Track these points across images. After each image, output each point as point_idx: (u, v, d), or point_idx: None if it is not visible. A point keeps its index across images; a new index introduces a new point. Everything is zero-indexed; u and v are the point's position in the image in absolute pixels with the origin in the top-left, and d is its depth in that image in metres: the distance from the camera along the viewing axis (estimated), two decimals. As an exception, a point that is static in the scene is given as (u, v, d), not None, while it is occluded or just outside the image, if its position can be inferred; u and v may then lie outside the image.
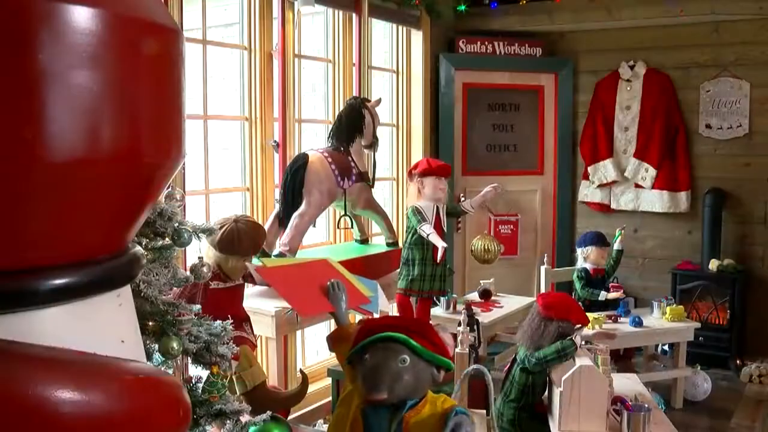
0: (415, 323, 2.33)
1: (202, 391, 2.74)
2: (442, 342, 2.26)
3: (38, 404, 1.11)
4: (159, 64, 1.25)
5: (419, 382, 2.19)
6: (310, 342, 5.23)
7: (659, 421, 3.37)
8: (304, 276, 3.01)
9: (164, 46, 1.27)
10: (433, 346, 2.22)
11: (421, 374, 2.18)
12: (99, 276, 1.24)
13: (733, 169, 6.01)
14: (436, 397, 2.26)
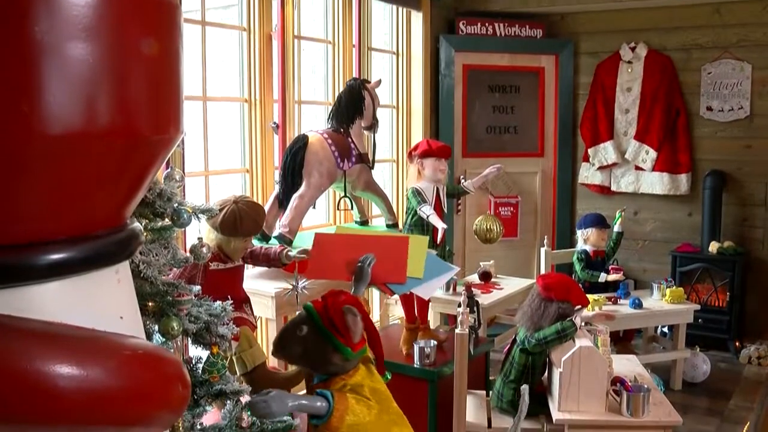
0: (337, 302, 2.32)
1: (202, 372, 2.74)
2: (344, 327, 2.25)
3: (36, 379, 1.11)
4: (157, 38, 1.24)
5: (310, 355, 2.27)
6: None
7: (658, 402, 3.38)
8: (353, 246, 3.01)
9: (162, 20, 1.26)
10: (331, 327, 2.25)
11: (313, 348, 2.26)
12: (97, 251, 1.24)
13: (734, 152, 6.00)
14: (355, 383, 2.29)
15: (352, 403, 2.23)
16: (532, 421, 3.47)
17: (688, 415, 4.32)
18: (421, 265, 2.91)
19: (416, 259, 2.95)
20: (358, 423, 2.23)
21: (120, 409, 1.21)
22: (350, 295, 2.45)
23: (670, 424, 3.24)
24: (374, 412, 2.28)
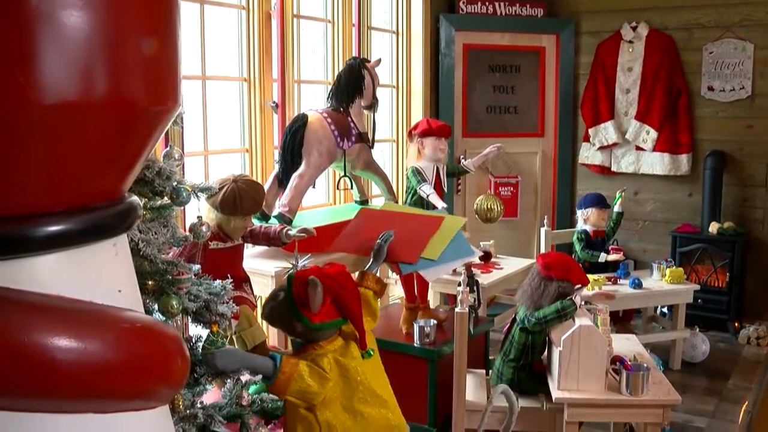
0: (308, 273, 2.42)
1: (202, 350, 2.75)
2: (304, 296, 2.35)
3: (34, 351, 1.10)
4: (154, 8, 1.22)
5: (280, 319, 2.46)
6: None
7: (658, 381, 3.38)
8: (385, 222, 3.02)
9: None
10: (297, 295, 2.37)
11: (280, 313, 2.44)
12: (94, 223, 1.23)
13: (735, 132, 5.98)
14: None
15: (302, 370, 2.29)
16: (532, 400, 3.47)
17: (687, 395, 4.33)
18: (441, 247, 2.89)
19: (440, 240, 2.92)
20: (305, 392, 2.29)
21: (118, 383, 1.21)
22: (339, 268, 2.48)
23: (669, 402, 3.24)
24: (328, 385, 2.32)
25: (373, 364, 2.52)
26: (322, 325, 2.39)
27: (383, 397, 2.45)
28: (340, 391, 2.38)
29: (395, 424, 2.45)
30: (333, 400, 2.36)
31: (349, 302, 2.39)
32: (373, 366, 2.52)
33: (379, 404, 2.42)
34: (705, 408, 4.57)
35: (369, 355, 2.45)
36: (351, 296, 2.42)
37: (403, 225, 2.98)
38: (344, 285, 2.43)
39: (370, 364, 2.50)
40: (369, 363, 2.49)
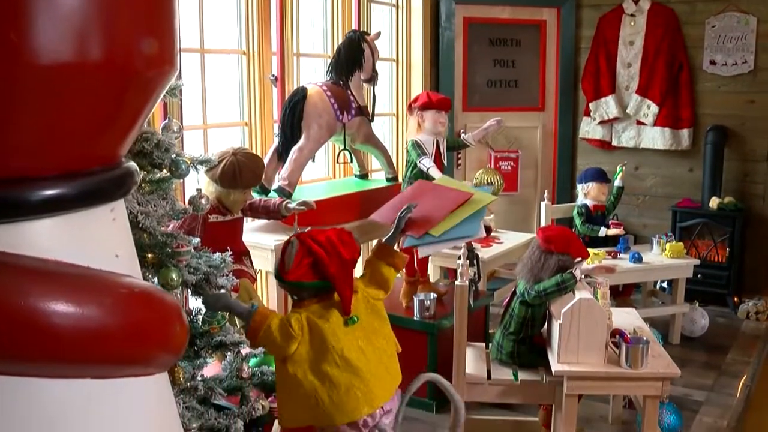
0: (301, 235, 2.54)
1: (202, 323, 2.75)
2: (284, 254, 2.51)
3: (31, 316, 1.10)
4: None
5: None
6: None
7: (657, 354, 3.38)
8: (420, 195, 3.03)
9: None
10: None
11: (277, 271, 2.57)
12: (91, 188, 1.21)
13: (737, 106, 5.94)
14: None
15: (272, 324, 2.41)
16: (532, 373, 3.48)
17: (686, 369, 4.34)
18: (451, 224, 2.87)
19: (454, 218, 2.90)
20: (272, 344, 2.42)
21: (116, 348, 1.20)
22: (337, 232, 2.52)
23: (669, 376, 3.25)
24: (293, 343, 2.40)
25: (359, 332, 2.51)
26: (297, 284, 2.49)
27: (357, 366, 2.43)
28: (310, 351, 2.42)
29: (361, 395, 2.42)
30: (302, 358, 2.42)
31: (329, 266, 2.42)
32: (359, 335, 2.51)
33: (350, 372, 2.42)
34: (704, 382, 4.59)
35: (353, 322, 2.47)
36: (336, 261, 2.43)
37: (434, 199, 2.96)
38: (332, 250, 2.44)
39: (354, 332, 2.49)
40: (353, 330, 2.49)
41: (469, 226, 2.89)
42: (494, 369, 3.54)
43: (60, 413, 1.18)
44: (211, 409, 2.77)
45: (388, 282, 2.66)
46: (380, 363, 2.53)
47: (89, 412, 1.22)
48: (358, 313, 2.51)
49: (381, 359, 2.54)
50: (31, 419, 1.16)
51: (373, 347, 2.53)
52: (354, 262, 2.57)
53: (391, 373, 2.58)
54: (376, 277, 2.65)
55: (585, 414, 3.96)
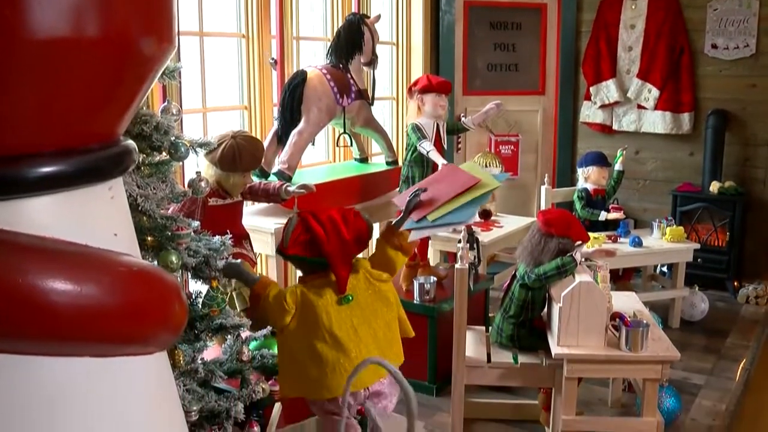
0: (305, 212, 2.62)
1: (202, 306, 2.75)
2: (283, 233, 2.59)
3: (29, 293, 1.09)
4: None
5: None
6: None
7: (657, 338, 3.39)
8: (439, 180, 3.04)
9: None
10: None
11: None
12: (89, 165, 1.21)
13: (738, 91, 5.92)
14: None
15: (270, 294, 2.54)
16: (531, 356, 3.48)
17: (685, 352, 4.35)
18: (448, 209, 2.85)
19: (455, 202, 2.88)
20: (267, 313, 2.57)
21: (115, 326, 1.20)
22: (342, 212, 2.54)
23: (668, 359, 3.25)
24: (286, 316, 2.51)
25: (356, 311, 2.51)
26: (296, 258, 2.59)
27: (345, 345, 2.45)
28: (303, 325, 2.49)
29: (345, 373, 2.43)
30: (295, 332, 2.51)
31: (325, 244, 2.47)
32: (356, 314, 2.51)
33: (337, 350, 2.45)
34: (703, 366, 4.60)
35: (347, 301, 2.49)
36: (334, 239, 2.45)
37: (447, 184, 2.95)
38: (332, 228, 2.45)
39: (349, 311, 2.50)
40: (348, 309, 2.49)
41: (465, 212, 2.87)
42: (494, 352, 3.55)
43: (59, 391, 1.18)
44: (211, 392, 2.77)
45: (391, 264, 2.65)
46: (374, 345, 2.53)
47: (89, 391, 1.21)
48: (356, 293, 2.51)
49: (376, 341, 2.54)
50: (31, 397, 1.15)
51: (369, 328, 2.53)
52: (359, 242, 2.56)
53: (387, 357, 2.57)
54: (380, 259, 2.65)
55: (584, 397, 3.97)
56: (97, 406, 1.22)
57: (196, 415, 2.59)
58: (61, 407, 1.18)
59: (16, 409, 1.14)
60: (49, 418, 1.17)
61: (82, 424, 1.21)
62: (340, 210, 2.55)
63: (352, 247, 2.54)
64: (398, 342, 2.65)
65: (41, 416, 1.16)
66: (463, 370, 3.43)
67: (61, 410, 1.18)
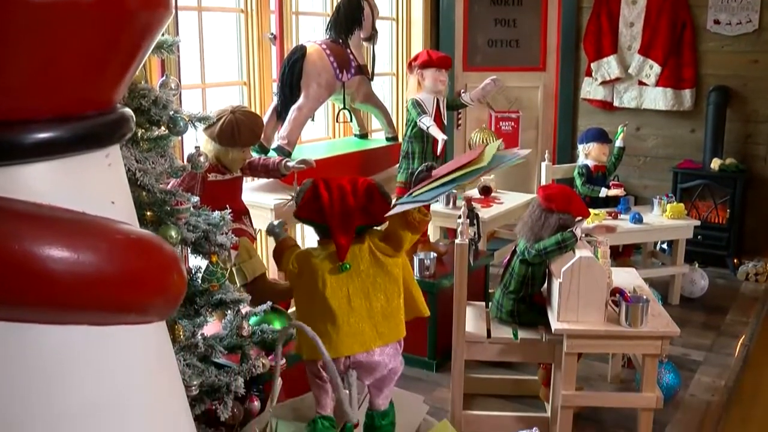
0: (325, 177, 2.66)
1: (201, 281, 2.74)
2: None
3: (25, 260, 1.08)
4: None
5: None
6: (310, 241, 5.23)
7: (657, 313, 3.38)
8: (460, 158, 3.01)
9: None
10: None
11: None
12: (85, 132, 1.19)
13: (740, 67, 5.88)
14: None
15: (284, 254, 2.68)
16: (531, 332, 3.48)
17: (685, 329, 4.35)
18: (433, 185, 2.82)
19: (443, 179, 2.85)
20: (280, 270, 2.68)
21: (112, 294, 1.19)
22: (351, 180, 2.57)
23: (668, 334, 3.25)
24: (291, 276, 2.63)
25: (355, 281, 2.51)
26: (307, 222, 2.68)
27: (334, 312, 2.46)
28: (303, 287, 2.57)
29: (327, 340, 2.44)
30: (299, 292, 2.62)
31: (327, 210, 2.50)
32: (353, 284, 2.51)
33: (325, 316, 2.48)
34: (702, 342, 4.61)
35: (344, 269, 2.50)
36: (337, 208, 2.47)
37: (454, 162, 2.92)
38: (338, 196, 2.45)
39: (347, 279, 2.50)
40: (346, 277, 2.49)
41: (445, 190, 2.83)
42: (494, 328, 3.55)
43: (56, 360, 1.17)
44: (211, 367, 2.77)
45: (397, 239, 2.60)
46: (367, 317, 2.52)
47: (86, 359, 1.21)
48: (357, 263, 2.50)
49: (371, 314, 2.53)
50: (27, 366, 1.15)
51: (364, 300, 2.52)
52: (367, 213, 2.54)
53: (379, 331, 2.55)
54: (387, 233, 2.63)
55: (584, 373, 3.99)
56: (94, 374, 1.22)
57: (196, 389, 2.59)
58: (58, 375, 1.17)
59: (13, 378, 1.13)
60: (46, 387, 1.17)
61: (79, 393, 1.20)
62: (354, 180, 2.53)
63: (357, 217, 2.52)
64: (397, 317, 2.63)
65: (38, 385, 1.16)
66: (463, 346, 3.44)
67: (59, 379, 1.17)
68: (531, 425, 3.20)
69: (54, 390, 1.17)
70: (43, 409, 1.16)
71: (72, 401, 1.19)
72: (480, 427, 3.48)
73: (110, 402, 1.24)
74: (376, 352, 2.55)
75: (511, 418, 3.55)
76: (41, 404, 1.16)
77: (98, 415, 1.22)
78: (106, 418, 1.23)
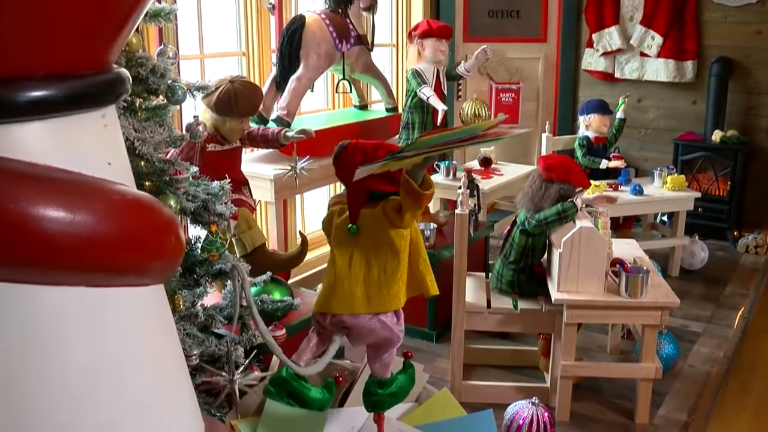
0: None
1: (201, 251, 2.74)
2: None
3: (20, 219, 1.07)
4: None
5: None
6: (310, 212, 5.23)
7: (657, 284, 3.38)
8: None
9: None
10: None
11: None
12: (80, 91, 1.18)
13: (743, 38, 5.83)
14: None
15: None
16: (531, 302, 3.49)
17: (684, 301, 4.35)
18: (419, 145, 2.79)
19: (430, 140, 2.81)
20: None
21: (109, 255, 1.18)
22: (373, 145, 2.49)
23: (668, 305, 3.25)
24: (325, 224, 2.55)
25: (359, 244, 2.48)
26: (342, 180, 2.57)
27: (336, 270, 2.45)
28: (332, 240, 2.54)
29: (324, 293, 2.45)
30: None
31: (343, 175, 2.44)
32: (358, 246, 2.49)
33: (330, 273, 2.46)
34: (702, 313, 4.61)
35: (351, 231, 2.48)
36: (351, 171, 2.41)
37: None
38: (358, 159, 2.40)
39: (354, 240, 2.48)
40: (353, 238, 2.47)
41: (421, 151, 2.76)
42: (494, 298, 3.55)
43: (51, 321, 1.17)
44: (211, 336, 2.78)
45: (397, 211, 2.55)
46: (362, 282, 2.49)
47: (82, 321, 1.20)
48: (365, 228, 2.47)
49: (367, 280, 2.50)
50: (21, 326, 1.14)
51: (365, 265, 2.50)
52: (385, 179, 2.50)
53: (370, 298, 2.50)
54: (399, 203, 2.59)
55: (583, 344, 4.00)
56: (90, 337, 1.21)
57: (196, 359, 2.60)
58: (52, 337, 1.17)
59: (6, 338, 1.13)
60: (41, 348, 1.16)
61: (74, 355, 1.20)
62: (379, 145, 2.48)
63: (371, 183, 2.47)
64: (392, 289, 2.54)
65: (32, 346, 1.15)
66: (463, 316, 3.44)
67: (53, 340, 1.17)
68: (530, 395, 3.22)
69: (48, 351, 1.16)
70: (37, 370, 1.16)
71: (66, 362, 1.19)
72: (479, 396, 3.49)
73: (106, 364, 1.23)
74: (364, 318, 2.51)
75: (510, 388, 3.57)
76: (35, 365, 1.15)
77: (94, 376, 1.21)
78: (102, 378, 1.23)
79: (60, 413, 1.18)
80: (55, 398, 1.18)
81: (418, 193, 2.40)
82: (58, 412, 1.18)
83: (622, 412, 3.48)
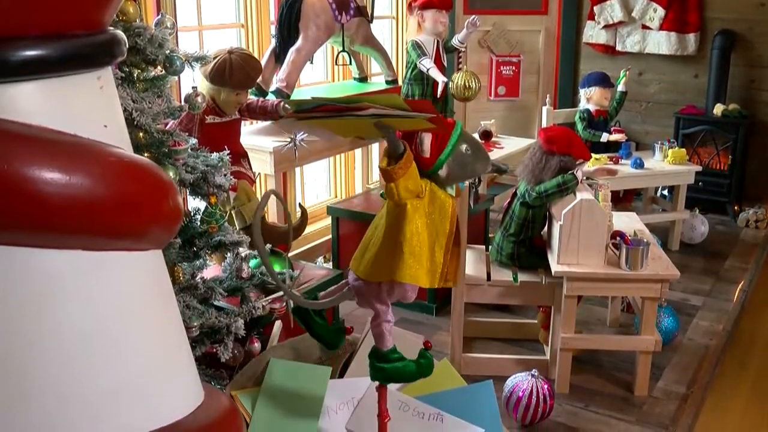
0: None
1: (200, 222, 2.73)
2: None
3: (15, 181, 1.06)
4: None
5: None
6: (309, 185, 5.21)
7: (657, 257, 3.38)
8: None
9: None
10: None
11: None
12: (75, 51, 1.16)
13: (746, 10, 5.79)
14: None
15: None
16: (531, 274, 3.49)
17: (684, 274, 4.35)
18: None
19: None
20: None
21: (105, 218, 1.17)
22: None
23: (668, 277, 3.25)
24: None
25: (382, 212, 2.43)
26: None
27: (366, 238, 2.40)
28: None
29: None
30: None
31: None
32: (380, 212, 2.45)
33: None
34: (701, 287, 4.62)
35: (381, 195, 2.46)
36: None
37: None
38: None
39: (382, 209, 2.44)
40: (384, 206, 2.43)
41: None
42: (494, 271, 3.55)
43: (46, 284, 1.16)
44: (211, 309, 2.77)
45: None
46: (364, 242, 2.45)
47: (78, 284, 1.19)
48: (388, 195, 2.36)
49: (368, 244, 2.46)
50: (16, 289, 1.14)
51: (374, 234, 2.48)
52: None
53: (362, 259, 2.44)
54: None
55: (583, 317, 4.00)
56: (86, 301, 1.20)
57: (196, 331, 2.60)
58: (49, 299, 1.16)
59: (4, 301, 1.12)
60: (36, 311, 1.15)
61: (70, 318, 1.19)
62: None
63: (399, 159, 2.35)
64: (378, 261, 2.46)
65: (28, 309, 1.15)
66: (463, 289, 3.44)
67: (48, 303, 1.17)
68: (530, 367, 3.22)
69: (45, 314, 1.16)
70: (33, 333, 1.15)
71: (64, 326, 1.18)
72: (479, 369, 3.50)
73: (104, 328, 1.22)
74: (352, 276, 2.46)
75: (510, 360, 3.58)
76: (30, 328, 1.15)
77: (92, 341, 1.21)
78: (101, 343, 1.22)
79: (59, 378, 1.18)
80: (54, 363, 1.17)
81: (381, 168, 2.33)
82: (56, 378, 1.18)
83: (621, 384, 3.50)
